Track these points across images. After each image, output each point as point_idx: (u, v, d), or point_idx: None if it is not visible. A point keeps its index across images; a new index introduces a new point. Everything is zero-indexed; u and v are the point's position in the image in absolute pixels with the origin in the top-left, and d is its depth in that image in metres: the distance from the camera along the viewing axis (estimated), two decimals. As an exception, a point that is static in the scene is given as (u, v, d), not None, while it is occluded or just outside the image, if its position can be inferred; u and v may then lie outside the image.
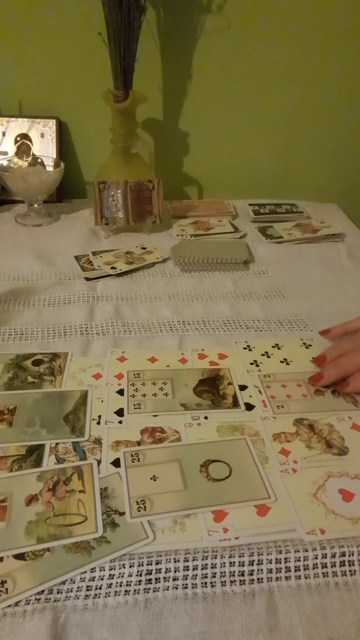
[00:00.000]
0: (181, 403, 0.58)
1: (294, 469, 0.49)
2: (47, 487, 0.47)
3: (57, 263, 0.88)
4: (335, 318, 0.75)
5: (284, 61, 1.07)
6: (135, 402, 0.58)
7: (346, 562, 0.42)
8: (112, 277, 0.85)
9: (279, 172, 1.21)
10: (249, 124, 1.14)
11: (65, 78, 1.06)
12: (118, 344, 0.68)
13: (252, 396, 0.59)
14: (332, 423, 0.55)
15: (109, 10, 0.87)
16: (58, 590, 0.39)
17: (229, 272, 0.88)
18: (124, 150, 1.00)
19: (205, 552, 0.42)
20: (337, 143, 1.18)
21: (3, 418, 0.55)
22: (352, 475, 0.49)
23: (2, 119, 1.07)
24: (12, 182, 0.97)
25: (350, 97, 1.13)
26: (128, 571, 0.41)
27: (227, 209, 1.11)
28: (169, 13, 1.01)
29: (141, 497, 0.46)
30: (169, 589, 0.40)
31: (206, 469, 0.49)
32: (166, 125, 1.13)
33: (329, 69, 1.09)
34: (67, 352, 0.66)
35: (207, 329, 0.72)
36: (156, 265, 0.89)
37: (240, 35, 1.04)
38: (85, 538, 0.42)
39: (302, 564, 0.42)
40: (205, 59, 1.06)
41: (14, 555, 0.41)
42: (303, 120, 1.15)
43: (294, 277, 0.87)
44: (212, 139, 1.16)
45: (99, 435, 0.53)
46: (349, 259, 0.94)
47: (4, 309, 0.75)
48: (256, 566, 0.41)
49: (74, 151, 1.14)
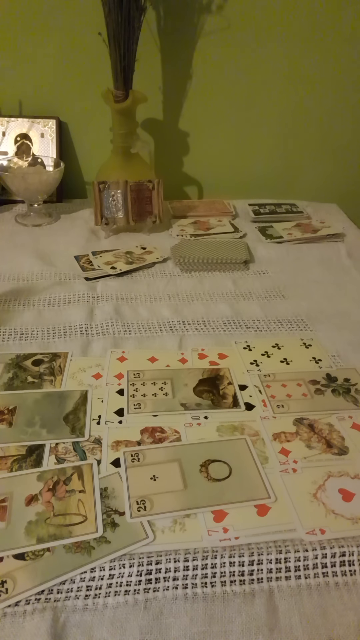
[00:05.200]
0: (181, 403, 0.58)
1: (294, 469, 0.49)
2: (47, 487, 0.47)
3: (57, 263, 0.88)
4: (335, 318, 0.75)
5: (283, 61, 1.07)
6: (135, 402, 0.58)
7: (346, 562, 0.42)
8: (112, 277, 0.85)
9: (279, 172, 1.21)
10: (249, 124, 1.14)
11: (65, 78, 1.06)
12: (118, 344, 0.68)
13: (252, 396, 0.59)
14: (332, 423, 0.55)
15: (109, 10, 0.87)
16: (58, 590, 0.39)
17: (229, 272, 0.88)
18: (124, 150, 1.00)
19: (205, 552, 0.42)
20: (337, 143, 1.18)
21: (3, 418, 0.55)
22: (352, 475, 0.49)
23: (2, 119, 1.07)
24: (12, 182, 0.98)
25: (350, 97, 1.13)
26: (128, 571, 0.41)
27: (227, 209, 1.11)
28: (169, 13, 1.01)
29: (141, 497, 0.46)
30: (169, 589, 0.40)
31: (206, 469, 0.49)
32: (166, 125, 1.13)
33: (329, 69, 1.09)
34: (67, 352, 0.66)
35: (207, 329, 0.72)
36: (156, 265, 0.89)
37: (240, 35, 1.04)
38: (85, 538, 0.42)
39: (302, 564, 0.42)
40: (205, 59, 1.06)
41: (14, 555, 0.41)
42: (303, 120, 1.15)
43: (294, 277, 0.87)
44: (212, 139, 1.15)
45: (99, 435, 0.53)
46: (349, 259, 0.94)
47: (4, 309, 0.75)
48: (256, 566, 0.41)
49: (74, 151, 1.14)
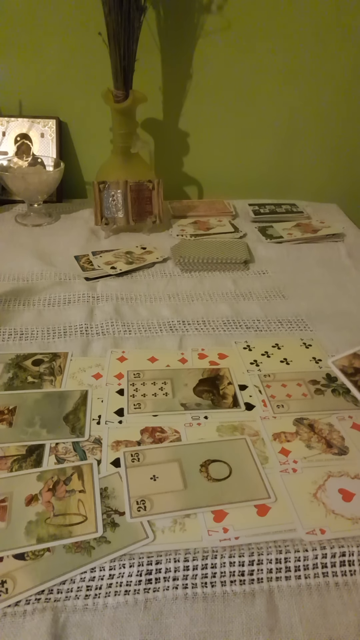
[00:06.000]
0: (181, 403, 0.58)
1: (294, 469, 0.49)
2: (47, 487, 0.47)
3: (57, 263, 0.88)
4: (335, 318, 0.75)
5: (283, 61, 1.07)
6: (135, 402, 0.58)
7: (346, 562, 0.42)
8: (112, 277, 0.85)
9: (279, 172, 1.21)
10: (249, 123, 1.14)
11: (65, 78, 1.06)
12: (118, 344, 0.68)
13: (252, 396, 0.59)
14: (332, 423, 0.55)
15: (109, 10, 0.87)
16: (58, 590, 0.39)
17: (229, 272, 0.88)
18: (124, 150, 1.00)
19: (205, 552, 0.42)
20: (337, 143, 1.18)
21: (3, 418, 0.55)
22: (352, 475, 0.49)
23: (2, 119, 1.07)
24: (12, 182, 0.97)
25: (350, 97, 1.13)
26: (128, 571, 0.41)
27: (227, 209, 1.11)
28: (169, 13, 1.01)
29: (141, 497, 0.46)
30: (169, 589, 0.40)
31: (206, 469, 0.49)
32: (166, 125, 1.13)
33: (329, 69, 1.09)
34: (67, 352, 0.66)
35: (207, 329, 0.72)
36: (156, 265, 0.89)
37: (240, 35, 1.04)
38: (85, 538, 0.42)
39: (302, 564, 0.42)
40: (205, 59, 1.06)
41: (14, 555, 0.41)
42: (303, 120, 1.15)
43: (294, 277, 0.87)
44: (212, 139, 1.15)
45: (99, 435, 0.53)
46: (349, 259, 0.94)
47: (4, 309, 0.75)
48: (256, 566, 0.41)
49: (74, 151, 1.14)
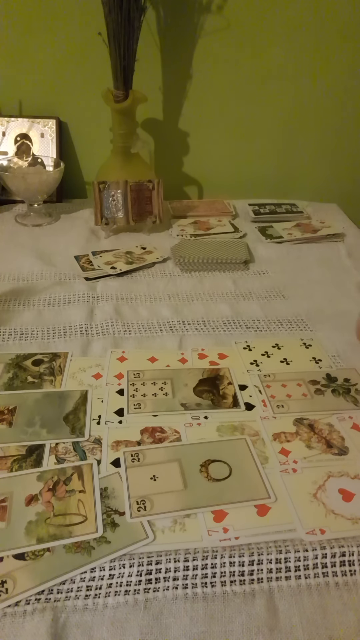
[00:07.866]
0: (181, 403, 0.58)
1: (294, 469, 0.49)
2: (47, 487, 0.47)
3: (57, 263, 0.88)
4: (335, 318, 0.75)
5: (284, 61, 1.07)
6: (135, 402, 0.58)
7: (346, 562, 0.42)
8: (112, 277, 0.85)
9: (279, 172, 1.21)
10: (249, 123, 1.14)
11: (65, 78, 1.06)
12: (118, 344, 0.68)
13: (252, 396, 0.59)
14: (332, 423, 0.55)
15: (109, 10, 0.87)
16: (58, 590, 0.39)
17: (229, 272, 0.88)
18: (124, 150, 1.00)
19: (205, 552, 0.42)
20: (337, 143, 1.18)
21: (3, 418, 0.55)
22: (352, 475, 0.49)
23: (2, 119, 1.07)
24: (12, 182, 0.97)
25: (350, 97, 1.13)
26: (128, 571, 0.41)
27: (227, 209, 1.11)
28: (169, 13, 1.01)
29: (141, 497, 0.46)
30: (169, 589, 0.40)
31: (206, 469, 0.49)
32: (166, 125, 1.13)
33: (329, 69, 1.09)
34: (67, 352, 0.66)
35: (207, 329, 0.72)
36: (156, 265, 0.89)
37: (240, 35, 1.04)
38: (85, 538, 0.42)
39: (302, 564, 0.42)
40: (205, 59, 1.06)
41: (14, 555, 0.41)
42: (303, 120, 1.15)
43: (294, 277, 0.87)
44: (212, 139, 1.15)
45: (99, 435, 0.53)
46: (349, 259, 0.94)
47: (4, 309, 0.75)
48: (256, 566, 0.41)
49: (74, 151, 1.14)
